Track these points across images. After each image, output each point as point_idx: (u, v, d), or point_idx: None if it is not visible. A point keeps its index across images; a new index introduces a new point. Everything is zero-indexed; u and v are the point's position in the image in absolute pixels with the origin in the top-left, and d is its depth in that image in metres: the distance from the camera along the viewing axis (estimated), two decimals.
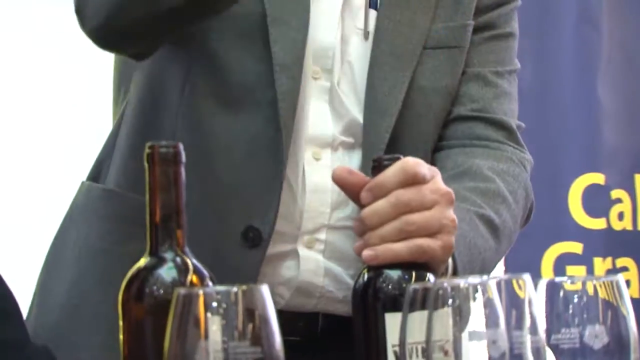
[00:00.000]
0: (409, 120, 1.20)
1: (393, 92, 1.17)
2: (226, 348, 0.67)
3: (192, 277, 0.80)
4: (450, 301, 0.72)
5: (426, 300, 0.73)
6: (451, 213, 0.98)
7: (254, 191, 1.14)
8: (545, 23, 2.27)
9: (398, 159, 0.94)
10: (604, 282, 0.82)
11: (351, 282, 1.05)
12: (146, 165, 0.78)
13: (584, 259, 2.24)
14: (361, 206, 0.97)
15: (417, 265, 0.96)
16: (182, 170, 0.79)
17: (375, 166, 0.94)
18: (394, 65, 1.20)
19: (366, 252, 0.94)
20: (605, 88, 2.27)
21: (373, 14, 1.20)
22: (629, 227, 2.27)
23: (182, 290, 0.68)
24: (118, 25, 1.06)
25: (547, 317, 0.81)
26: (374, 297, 0.93)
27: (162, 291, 0.78)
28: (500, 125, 1.24)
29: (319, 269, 1.14)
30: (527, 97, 1.91)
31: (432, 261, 0.96)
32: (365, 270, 0.96)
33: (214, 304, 0.68)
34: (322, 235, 1.15)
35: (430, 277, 0.96)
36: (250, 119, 1.15)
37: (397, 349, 0.90)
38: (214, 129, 1.15)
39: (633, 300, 0.82)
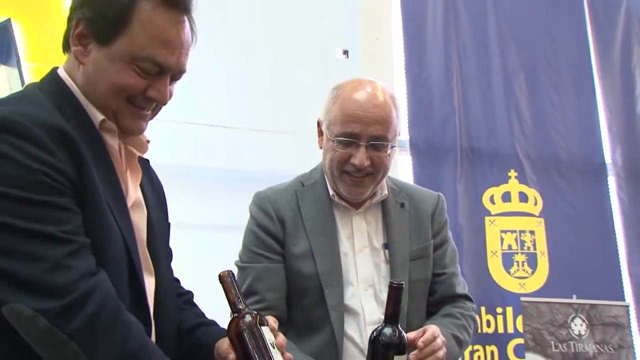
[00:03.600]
0: (413, 298, 1.80)
1: (403, 284, 1.58)
2: None
3: None
4: None
5: None
6: (444, 349, 1.64)
7: None
8: None
9: (401, 283, 1.42)
10: None
11: None
12: None
13: None
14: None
15: None
16: None
17: (390, 286, 1.42)
18: (399, 272, 1.81)
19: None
20: None
21: (386, 252, 1.84)
22: None
23: None
24: None
25: None
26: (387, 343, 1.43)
27: None
28: (461, 296, 1.93)
29: None
30: None
31: None
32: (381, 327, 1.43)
33: None
34: None
35: None
36: (319, 339, 1.74)
37: None
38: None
39: None
